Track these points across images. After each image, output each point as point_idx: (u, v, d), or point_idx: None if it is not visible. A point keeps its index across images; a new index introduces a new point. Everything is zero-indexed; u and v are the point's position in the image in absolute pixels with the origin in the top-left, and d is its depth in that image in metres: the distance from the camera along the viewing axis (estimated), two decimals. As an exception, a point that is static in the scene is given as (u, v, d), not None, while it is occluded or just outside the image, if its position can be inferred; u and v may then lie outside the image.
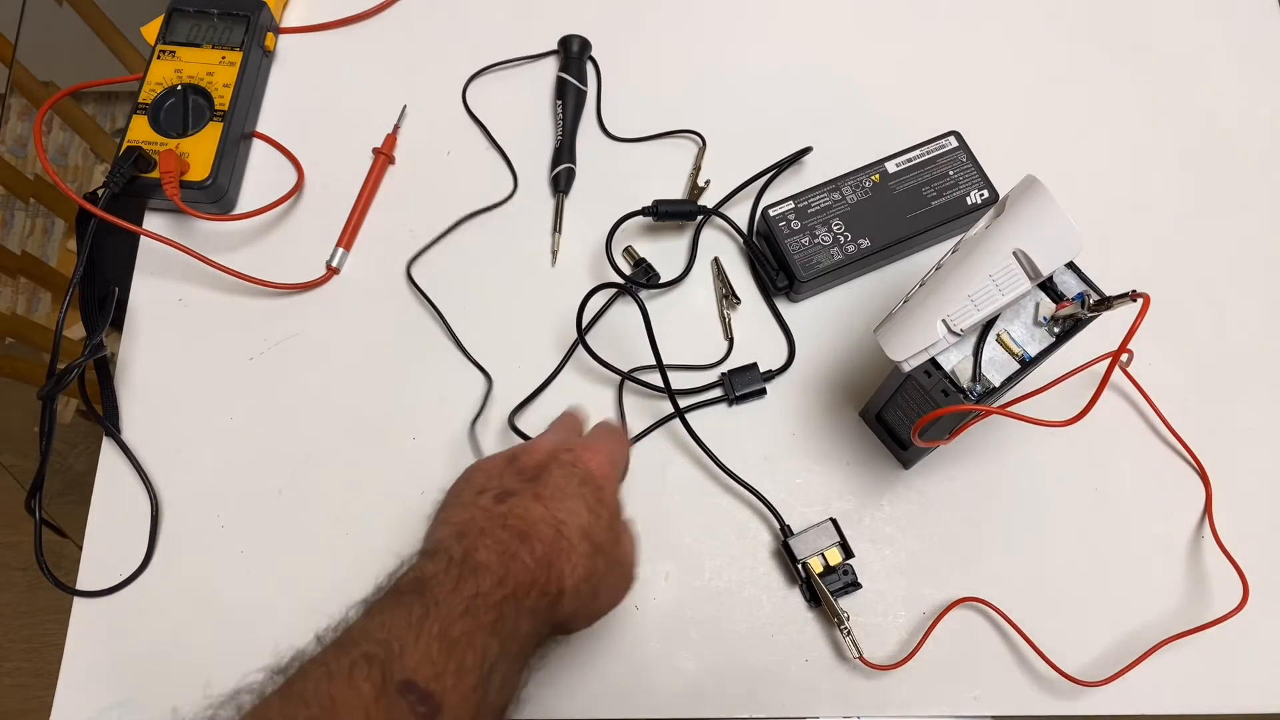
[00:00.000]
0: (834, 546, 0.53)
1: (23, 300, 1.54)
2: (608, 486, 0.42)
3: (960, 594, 0.53)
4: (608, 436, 0.46)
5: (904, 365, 0.44)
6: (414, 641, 0.33)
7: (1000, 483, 0.56)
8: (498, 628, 0.35)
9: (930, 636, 0.52)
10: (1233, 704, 0.52)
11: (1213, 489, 0.56)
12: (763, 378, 0.58)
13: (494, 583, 0.36)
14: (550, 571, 0.38)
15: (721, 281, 0.61)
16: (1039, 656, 0.52)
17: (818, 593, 0.52)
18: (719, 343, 0.60)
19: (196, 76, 0.63)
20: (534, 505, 0.39)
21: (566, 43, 0.68)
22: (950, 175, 0.60)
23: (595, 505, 0.41)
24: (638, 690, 0.52)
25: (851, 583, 0.53)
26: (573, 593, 0.38)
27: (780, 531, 0.54)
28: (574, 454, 0.42)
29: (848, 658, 0.52)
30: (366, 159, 0.65)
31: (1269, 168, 0.66)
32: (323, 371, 0.59)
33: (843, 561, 0.53)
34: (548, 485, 0.40)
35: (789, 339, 0.60)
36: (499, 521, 0.38)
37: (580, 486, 0.41)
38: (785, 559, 0.54)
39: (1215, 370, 0.59)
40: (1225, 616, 0.52)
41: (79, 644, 0.53)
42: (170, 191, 0.58)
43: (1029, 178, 0.44)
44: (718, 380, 0.58)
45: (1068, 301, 0.44)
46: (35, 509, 0.56)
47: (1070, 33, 0.70)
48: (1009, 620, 0.52)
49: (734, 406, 0.58)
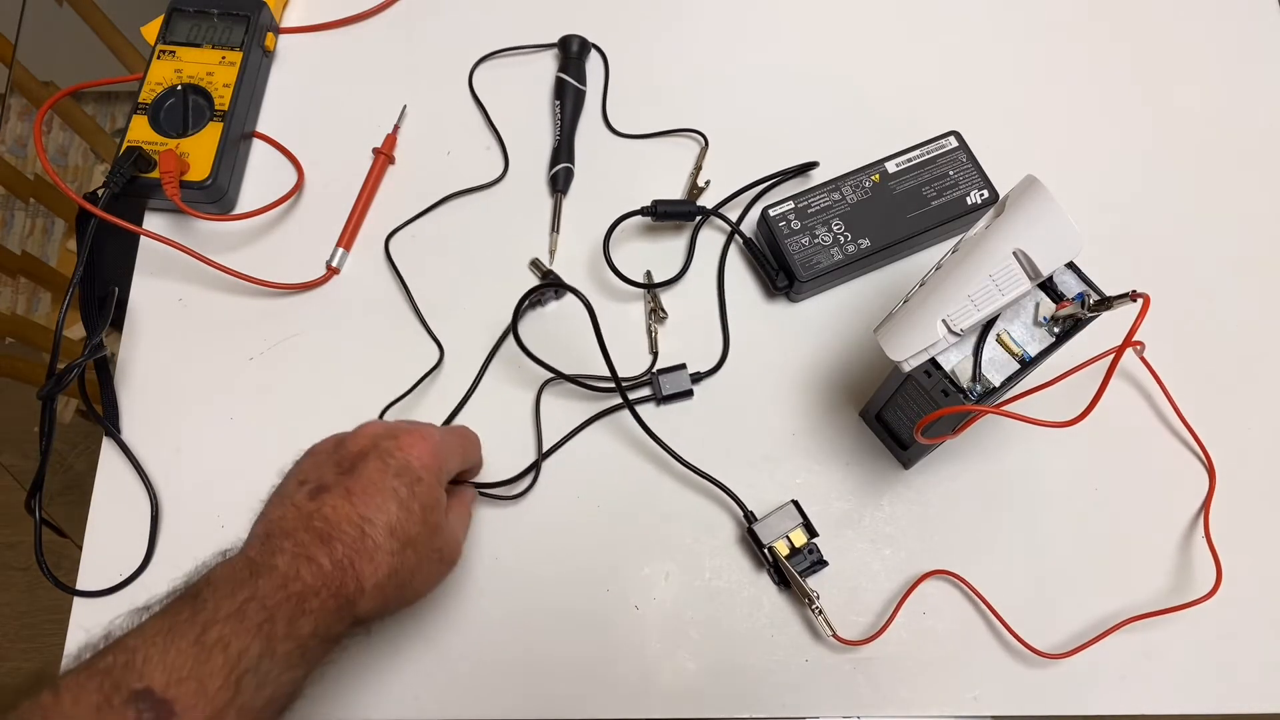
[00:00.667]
0: (798, 528, 0.54)
1: (23, 300, 1.54)
2: (426, 478, 0.43)
3: (962, 594, 0.53)
4: (443, 430, 0.48)
5: (904, 365, 0.44)
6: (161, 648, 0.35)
7: (1001, 481, 0.56)
8: (265, 629, 0.36)
9: (929, 634, 0.52)
10: (1186, 698, 0.52)
11: (1217, 481, 0.56)
12: (691, 379, 0.58)
13: (275, 585, 0.38)
14: (348, 573, 0.39)
15: (651, 296, 0.60)
16: (1015, 638, 0.52)
17: (785, 575, 0.53)
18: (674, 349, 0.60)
19: (196, 76, 0.63)
20: (343, 504, 0.41)
21: (566, 43, 0.68)
22: (950, 175, 0.60)
23: (408, 499, 0.42)
24: (638, 690, 0.52)
25: (818, 561, 0.54)
26: (375, 591, 0.40)
27: (744, 518, 0.54)
28: (396, 442, 0.43)
29: (823, 637, 0.52)
30: (366, 159, 0.65)
31: (1270, 167, 0.66)
32: (323, 371, 0.59)
33: (808, 541, 0.54)
34: (360, 479, 0.42)
35: (725, 338, 0.60)
36: (304, 522, 0.40)
37: (395, 479, 0.42)
38: (752, 545, 0.54)
39: (1215, 367, 0.59)
40: (1192, 603, 0.52)
41: (79, 644, 0.53)
42: (170, 191, 0.58)
43: (1029, 178, 0.44)
44: (646, 379, 0.58)
45: (1068, 301, 0.44)
46: (35, 509, 0.56)
47: (1070, 32, 0.70)
48: (989, 605, 0.52)
49: (662, 406, 0.58)
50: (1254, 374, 0.60)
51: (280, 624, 0.37)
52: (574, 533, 0.55)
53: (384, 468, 0.42)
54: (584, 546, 0.55)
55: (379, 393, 0.58)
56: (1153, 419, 0.58)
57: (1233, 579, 0.53)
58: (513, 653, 0.53)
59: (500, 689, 0.52)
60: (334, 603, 0.39)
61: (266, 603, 0.37)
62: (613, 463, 0.57)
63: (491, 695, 0.52)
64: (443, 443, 0.46)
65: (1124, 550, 0.55)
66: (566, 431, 0.57)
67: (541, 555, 0.54)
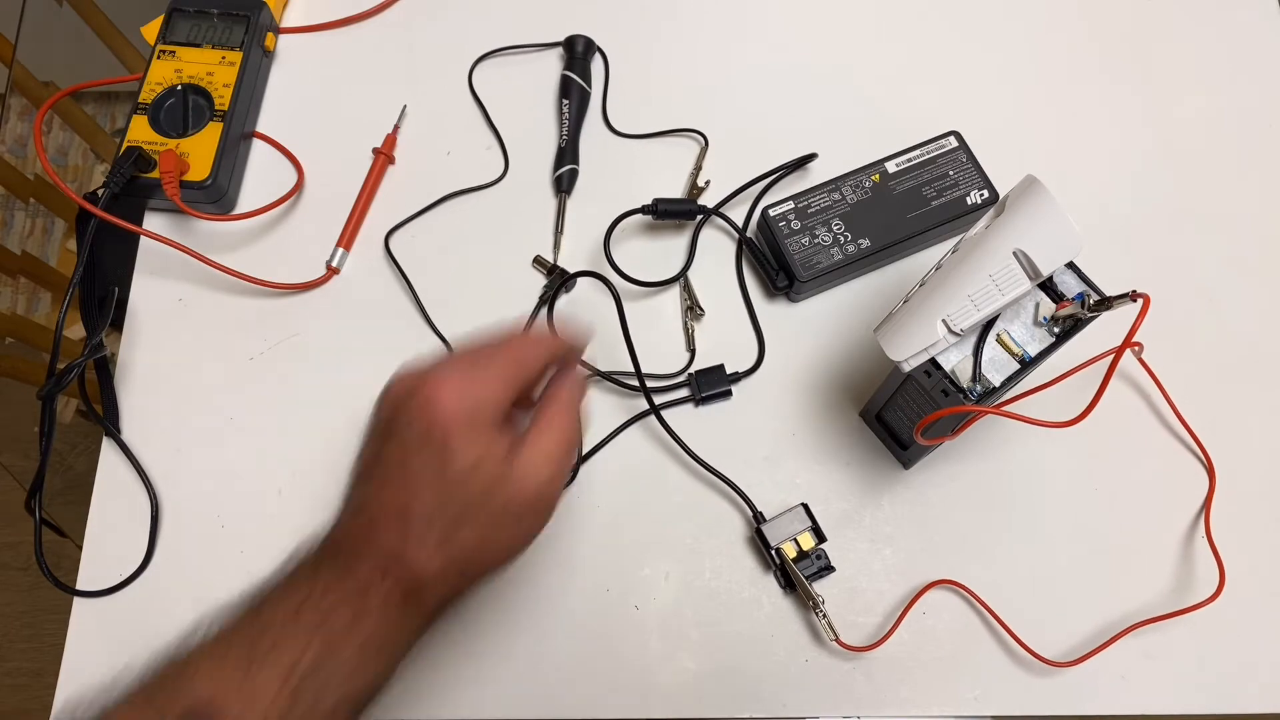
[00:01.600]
0: (806, 531, 0.53)
1: (23, 300, 1.54)
2: (457, 434, 0.36)
3: (961, 597, 0.53)
4: (472, 353, 0.39)
5: (904, 365, 0.44)
6: (211, 661, 0.33)
7: (1001, 480, 0.56)
8: (323, 633, 0.34)
9: (930, 634, 0.52)
10: (1195, 698, 0.52)
11: (1217, 482, 0.56)
12: (729, 379, 0.58)
13: (329, 586, 0.35)
14: (402, 567, 0.36)
15: (687, 293, 0.60)
16: (1020, 645, 0.52)
17: (792, 578, 0.52)
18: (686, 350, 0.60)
19: (196, 76, 0.63)
20: (379, 494, 0.37)
21: (571, 42, 0.68)
22: (950, 175, 0.60)
23: (439, 471, 0.36)
24: (638, 690, 0.52)
25: (825, 567, 0.53)
26: (437, 580, 0.36)
27: (753, 518, 0.54)
28: (415, 401, 0.37)
29: (825, 642, 0.52)
30: (366, 159, 0.65)
31: (1270, 167, 0.66)
32: (323, 371, 0.59)
33: (816, 546, 0.53)
34: (386, 464, 0.37)
35: (759, 337, 0.60)
36: (353, 516, 0.37)
37: (419, 454, 0.36)
38: (756, 546, 0.54)
39: (1215, 367, 0.59)
40: (1196, 606, 0.52)
41: (79, 644, 0.53)
42: (170, 191, 0.58)
43: (1029, 178, 0.44)
44: (685, 381, 0.58)
45: (1068, 301, 0.44)
46: (35, 509, 0.56)
47: (1071, 33, 0.70)
48: (990, 611, 0.52)
49: (699, 407, 0.58)
50: (1254, 374, 0.60)
51: (338, 626, 0.35)
52: (574, 532, 0.55)
53: (405, 440, 0.36)
54: (584, 546, 0.55)
55: (378, 392, 0.58)
56: (1151, 419, 0.58)
57: (1235, 579, 0.53)
58: (512, 653, 0.53)
59: (499, 689, 0.52)
60: (395, 598, 0.36)
61: (321, 605, 0.35)
62: (612, 462, 0.57)
63: (491, 695, 0.52)
64: (470, 377, 0.37)
65: (1125, 551, 0.55)
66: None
67: (541, 555, 0.54)
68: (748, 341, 0.60)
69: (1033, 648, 0.52)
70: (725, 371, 0.58)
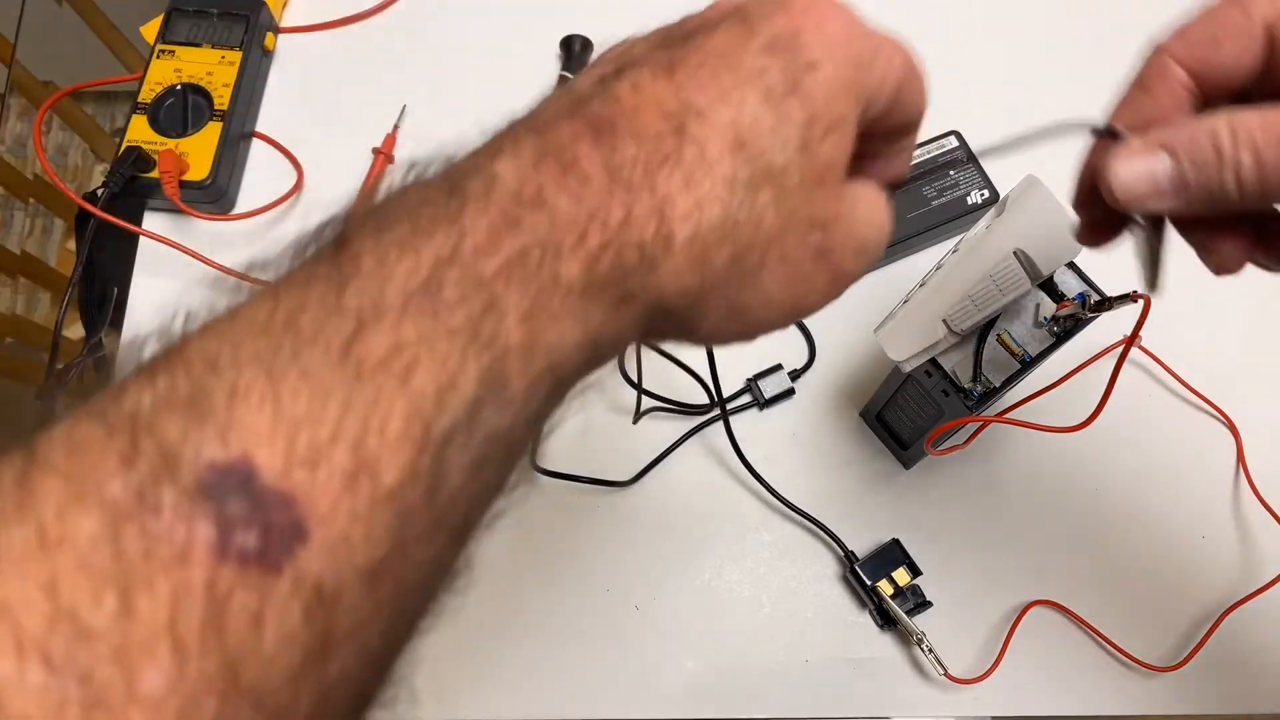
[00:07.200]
0: (901, 567, 0.52)
1: (22, 300, 1.54)
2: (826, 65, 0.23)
3: (963, 593, 0.53)
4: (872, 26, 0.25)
5: (904, 365, 0.44)
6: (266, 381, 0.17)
7: (1004, 478, 0.56)
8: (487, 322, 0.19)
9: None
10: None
11: (1243, 440, 0.56)
12: (790, 377, 0.57)
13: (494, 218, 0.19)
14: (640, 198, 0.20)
15: None
16: (1116, 650, 0.51)
17: (892, 616, 0.51)
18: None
19: (196, 76, 0.63)
20: (653, 81, 0.22)
21: (569, 43, 0.68)
22: (950, 175, 0.60)
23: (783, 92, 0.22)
24: (638, 690, 0.52)
25: (921, 602, 0.52)
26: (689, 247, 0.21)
27: (845, 558, 0.53)
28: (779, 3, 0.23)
29: (932, 675, 0.51)
30: (366, 159, 0.65)
31: (1269, 168, 0.65)
32: (322, 371, 0.59)
33: (911, 581, 0.52)
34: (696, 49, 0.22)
35: (806, 332, 0.59)
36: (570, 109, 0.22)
37: (764, 55, 0.22)
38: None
39: (1215, 368, 0.59)
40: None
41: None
42: (170, 191, 0.58)
43: (1029, 178, 0.44)
44: (744, 387, 0.58)
45: (1068, 302, 0.44)
46: (35, 509, 0.56)
47: (1071, 32, 0.70)
48: (1087, 624, 0.52)
49: (764, 410, 0.58)
50: (1253, 374, 0.59)
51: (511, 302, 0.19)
52: (574, 532, 0.55)
53: (746, 34, 0.23)
54: (584, 546, 0.55)
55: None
56: (1162, 396, 0.58)
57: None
58: (511, 652, 0.52)
59: (499, 689, 0.52)
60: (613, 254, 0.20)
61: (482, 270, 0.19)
62: (611, 462, 0.57)
63: (490, 695, 0.52)
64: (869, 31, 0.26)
65: (1157, 524, 0.54)
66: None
67: (541, 554, 0.54)
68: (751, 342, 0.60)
69: (1133, 654, 0.51)
70: (784, 370, 0.57)
